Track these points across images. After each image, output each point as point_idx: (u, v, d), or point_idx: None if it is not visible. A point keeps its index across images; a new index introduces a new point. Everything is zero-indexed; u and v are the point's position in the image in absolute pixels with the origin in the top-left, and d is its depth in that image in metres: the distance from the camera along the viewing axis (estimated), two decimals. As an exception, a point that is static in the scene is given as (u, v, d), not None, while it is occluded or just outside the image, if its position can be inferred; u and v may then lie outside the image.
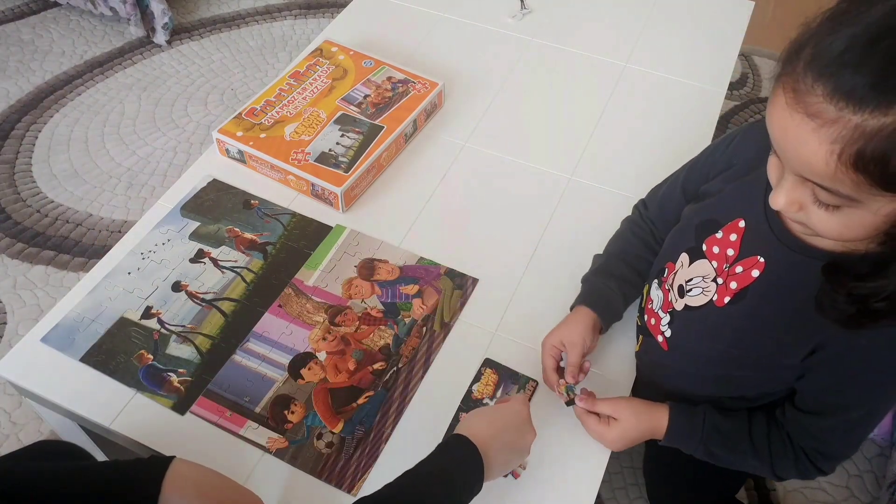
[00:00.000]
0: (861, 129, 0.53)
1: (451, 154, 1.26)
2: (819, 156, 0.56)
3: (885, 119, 0.53)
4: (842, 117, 0.54)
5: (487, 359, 0.99)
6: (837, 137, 0.55)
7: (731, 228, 0.80)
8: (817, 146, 0.56)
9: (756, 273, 0.77)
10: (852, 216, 0.60)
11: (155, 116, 2.15)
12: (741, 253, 0.79)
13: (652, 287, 0.94)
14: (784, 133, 0.59)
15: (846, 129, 0.54)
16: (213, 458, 0.85)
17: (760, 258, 0.77)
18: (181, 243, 1.11)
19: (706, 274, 0.83)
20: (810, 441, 0.82)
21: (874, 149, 0.53)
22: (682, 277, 0.86)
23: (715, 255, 0.82)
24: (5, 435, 1.49)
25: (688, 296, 0.85)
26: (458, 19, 1.52)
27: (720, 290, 0.81)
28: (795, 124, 0.57)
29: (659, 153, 1.26)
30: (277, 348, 0.99)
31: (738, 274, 0.79)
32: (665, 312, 0.89)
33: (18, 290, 1.72)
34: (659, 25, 1.51)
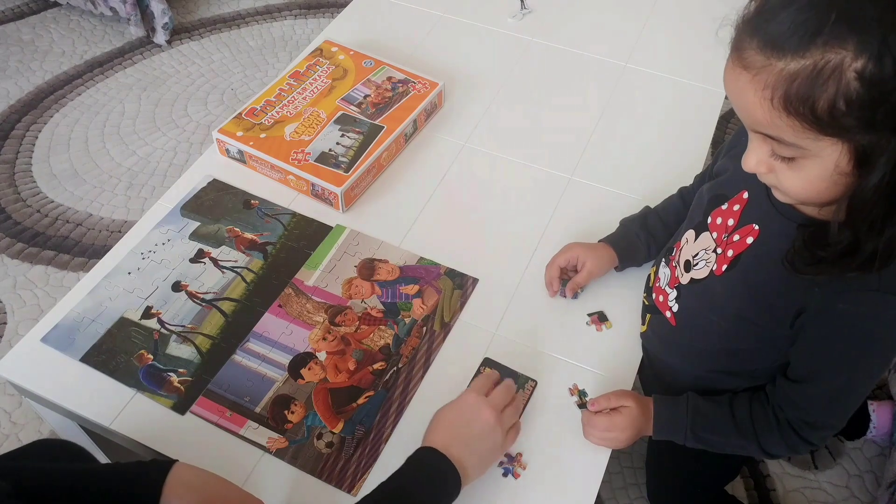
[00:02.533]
0: (785, 73, 0.58)
1: (451, 154, 1.26)
2: (756, 104, 0.61)
3: (804, 61, 0.57)
4: (769, 64, 0.59)
5: (487, 358, 0.99)
6: (767, 83, 0.60)
7: (736, 200, 0.83)
8: (753, 95, 0.61)
9: (750, 240, 0.80)
10: (810, 169, 0.64)
11: (155, 116, 2.15)
12: (740, 222, 0.82)
13: (660, 266, 0.97)
14: (730, 89, 0.65)
15: (772, 75, 0.59)
16: (213, 458, 0.85)
17: (755, 226, 0.80)
18: (181, 243, 1.11)
19: (708, 246, 0.86)
20: (795, 411, 0.83)
21: (798, 90, 0.58)
22: (687, 253, 0.89)
23: (717, 226, 0.85)
24: (5, 435, 1.49)
25: (693, 269, 0.88)
26: (458, 19, 1.52)
27: (719, 259, 0.84)
28: (736, 77, 0.63)
29: (659, 153, 1.26)
30: (277, 348, 0.99)
31: (735, 242, 0.82)
32: (672, 288, 0.92)
33: (18, 290, 1.72)
34: (659, 25, 1.51)
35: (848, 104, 0.57)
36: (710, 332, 0.88)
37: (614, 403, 0.90)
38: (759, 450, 0.87)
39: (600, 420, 0.90)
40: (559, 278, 1.04)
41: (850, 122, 0.58)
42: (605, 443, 0.90)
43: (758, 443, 0.86)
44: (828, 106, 0.57)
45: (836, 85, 0.56)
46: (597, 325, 1.02)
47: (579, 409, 0.93)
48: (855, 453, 1.51)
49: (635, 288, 1.05)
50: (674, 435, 0.91)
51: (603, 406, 0.90)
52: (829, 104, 0.57)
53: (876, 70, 0.55)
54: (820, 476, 1.48)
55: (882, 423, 1.46)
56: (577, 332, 1.02)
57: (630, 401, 0.90)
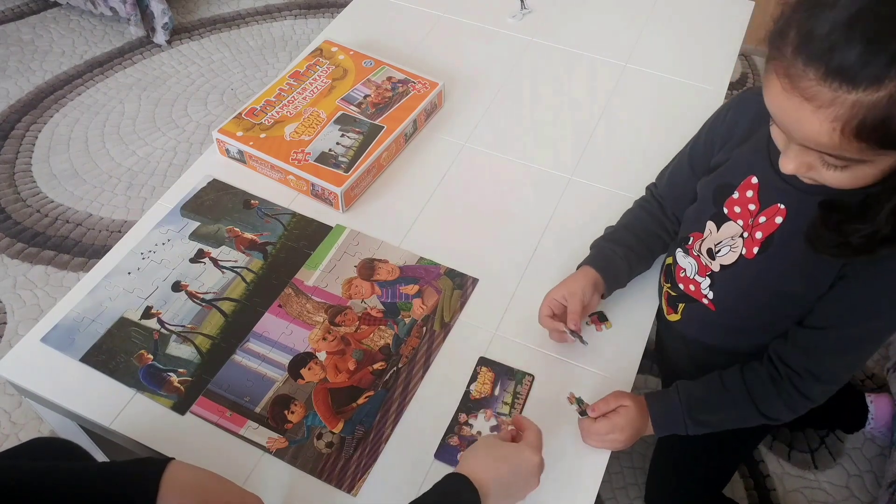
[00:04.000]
0: (858, 104, 0.58)
1: (451, 154, 1.26)
2: (822, 132, 0.60)
3: (879, 92, 0.57)
4: (838, 97, 0.58)
5: (482, 357, 0.99)
6: (837, 116, 0.59)
7: (746, 186, 0.84)
8: (819, 125, 0.60)
9: (779, 220, 0.81)
10: (862, 170, 0.64)
11: (155, 116, 2.15)
12: (762, 205, 0.82)
13: (677, 256, 0.96)
14: (784, 114, 0.64)
15: (844, 108, 0.58)
16: (213, 458, 0.85)
17: (781, 205, 0.80)
18: (181, 243, 1.11)
19: (734, 233, 0.86)
20: (803, 359, 0.84)
21: (874, 118, 0.58)
22: (710, 242, 0.90)
23: (738, 214, 0.85)
24: (5, 435, 1.49)
25: (718, 256, 0.89)
26: (458, 19, 1.52)
27: (747, 242, 0.85)
28: (794, 107, 0.61)
29: (658, 153, 1.26)
30: (277, 348, 0.99)
31: (762, 224, 0.82)
32: (704, 276, 0.92)
33: (18, 290, 1.72)
34: (659, 25, 1.51)
35: None
36: (752, 310, 0.89)
37: (613, 405, 0.90)
38: (759, 414, 0.88)
39: (601, 424, 0.89)
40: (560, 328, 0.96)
41: None
42: (606, 445, 0.90)
43: (756, 408, 0.88)
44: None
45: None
46: (596, 325, 1.02)
47: (580, 416, 0.92)
48: (855, 453, 1.51)
49: (636, 287, 1.05)
50: (674, 427, 0.91)
51: (602, 410, 0.90)
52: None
53: None
54: (820, 476, 1.48)
55: (880, 415, 1.46)
56: (577, 332, 1.02)
57: (627, 400, 0.91)
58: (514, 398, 0.95)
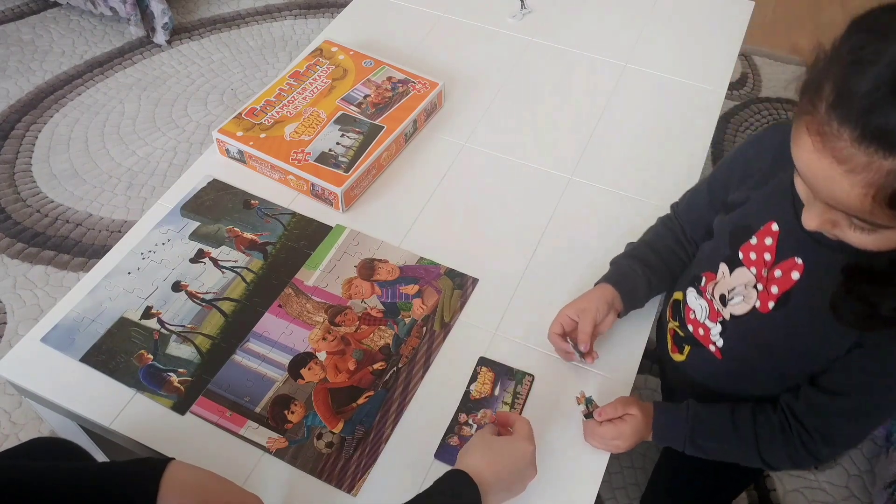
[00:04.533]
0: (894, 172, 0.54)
1: (451, 154, 1.26)
2: (853, 196, 0.57)
3: None
4: (873, 162, 0.54)
5: (482, 357, 0.99)
6: (871, 182, 0.55)
7: (765, 232, 0.79)
8: (849, 189, 0.57)
9: (796, 275, 0.77)
10: (885, 234, 0.61)
11: (155, 116, 2.15)
12: (778, 256, 0.78)
13: (689, 296, 0.93)
14: (813, 173, 0.60)
15: (879, 174, 0.54)
16: (213, 458, 0.85)
17: (798, 259, 0.76)
18: (181, 243, 1.11)
19: (747, 282, 0.82)
20: (815, 420, 0.81)
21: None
22: (723, 287, 0.86)
23: (752, 261, 0.81)
24: (5, 435, 1.49)
25: (730, 304, 0.85)
26: (458, 19, 1.52)
27: (762, 295, 0.81)
28: (825, 167, 0.57)
29: (659, 153, 1.26)
30: (277, 348, 0.99)
31: (778, 278, 0.78)
32: (714, 322, 0.89)
33: (18, 290, 1.72)
34: (659, 25, 1.51)
35: None
36: (761, 364, 0.86)
37: (620, 412, 0.89)
38: (759, 459, 0.85)
39: (606, 429, 0.89)
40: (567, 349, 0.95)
41: None
42: (608, 448, 0.90)
43: (758, 451, 0.85)
44: None
45: None
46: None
47: (585, 418, 0.91)
48: (855, 453, 1.51)
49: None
50: (673, 441, 0.90)
51: (610, 415, 0.89)
52: None
53: None
54: (820, 476, 1.48)
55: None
56: (577, 332, 1.02)
57: (634, 408, 0.89)
58: (514, 398, 0.95)
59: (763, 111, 2.21)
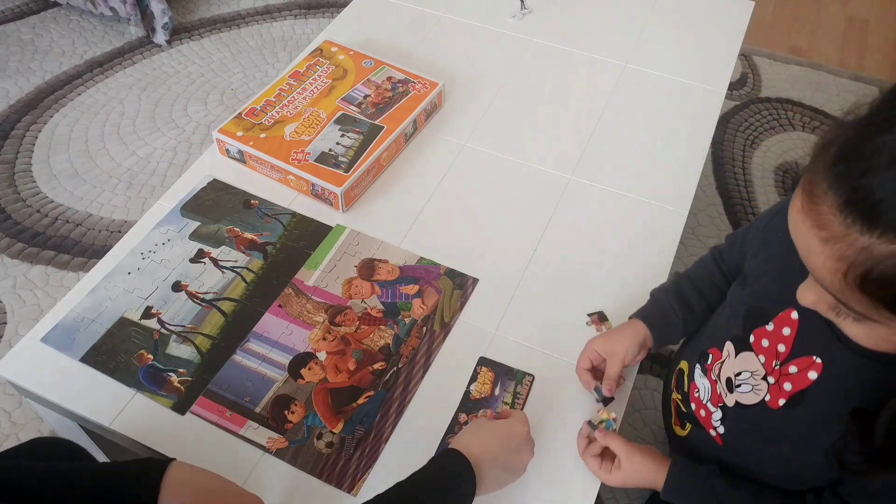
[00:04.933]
0: (869, 251, 0.49)
1: (451, 154, 1.26)
2: (825, 270, 0.53)
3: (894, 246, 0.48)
4: (848, 235, 0.50)
5: (482, 357, 0.99)
6: (843, 256, 0.51)
7: (784, 321, 0.74)
8: (823, 260, 0.52)
9: (813, 375, 0.71)
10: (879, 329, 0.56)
11: (155, 116, 2.15)
12: (794, 351, 0.73)
13: (695, 373, 0.89)
14: (796, 236, 0.56)
15: (852, 249, 0.50)
16: (213, 458, 0.85)
17: (817, 359, 0.70)
18: (181, 243, 1.11)
19: (755, 370, 0.77)
20: None
21: (881, 274, 0.49)
22: (729, 369, 0.81)
23: (764, 348, 0.76)
24: (5, 435, 1.49)
25: (737, 391, 0.80)
26: (458, 19, 1.52)
27: (772, 389, 0.75)
28: (805, 231, 0.54)
29: (659, 153, 1.26)
30: (277, 348, 0.99)
31: (793, 375, 0.73)
32: (716, 407, 0.84)
33: (18, 290, 1.72)
34: (659, 25, 1.51)
35: None
36: (764, 460, 0.80)
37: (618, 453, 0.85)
38: None
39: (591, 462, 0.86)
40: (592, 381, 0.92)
41: None
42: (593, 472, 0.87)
43: None
44: None
45: None
46: (597, 325, 1.02)
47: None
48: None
49: (635, 286, 1.05)
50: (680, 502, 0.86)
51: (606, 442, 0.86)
52: None
53: None
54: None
55: None
56: (577, 331, 1.01)
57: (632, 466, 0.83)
58: (514, 398, 0.95)
59: (763, 111, 2.21)
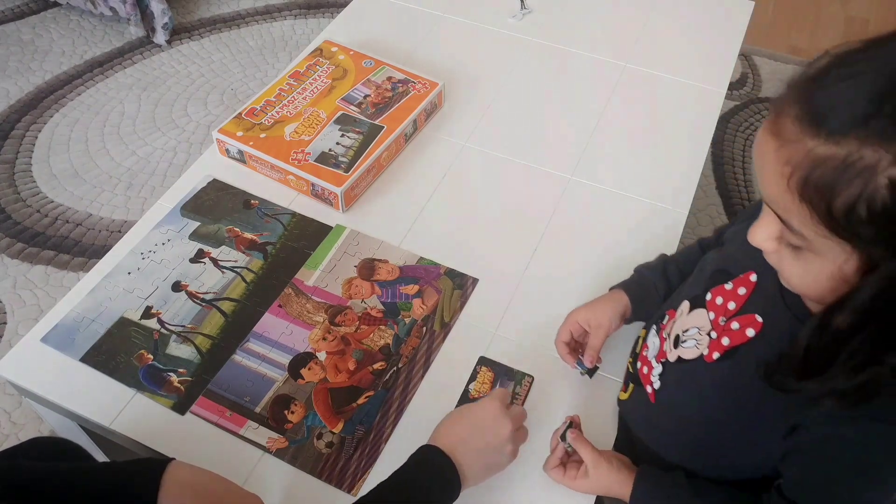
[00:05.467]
0: (812, 154, 0.52)
1: (451, 154, 1.26)
2: (773, 177, 0.55)
3: (836, 148, 0.51)
4: (799, 140, 0.53)
5: (482, 357, 0.99)
6: (790, 160, 0.53)
7: (742, 281, 0.75)
8: (773, 166, 0.55)
9: (751, 333, 0.72)
10: (813, 264, 0.58)
11: (155, 116, 2.15)
12: (742, 309, 0.74)
13: (650, 333, 0.89)
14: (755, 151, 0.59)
15: (799, 153, 0.53)
16: (213, 458, 0.85)
17: (759, 317, 0.72)
18: (181, 243, 1.11)
19: (702, 326, 0.78)
20: None
21: (819, 178, 0.52)
22: (679, 326, 0.82)
23: (716, 306, 0.77)
24: (5, 435, 1.49)
25: (681, 346, 0.81)
26: (458, 19, 1.52)
27: (712, 344, 0.76)
28: (763, 142, 0.57)
29: (659, 153, 1.26)
30: (277, 348, 0.99)
31: (734, 330, 0.74)
32: (658, 362, 0.84)
33: (18, 290, 1.72)
34: (659, 25, 1.51)
35: (869, 211, 0.50)
36: (690, 418, 0.80)
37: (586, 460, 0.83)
38: None
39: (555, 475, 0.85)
40: (571, 354, 0.93)
41: (867, 231, 0.52)
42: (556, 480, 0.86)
43: None
44: (846, 206, 0.51)
45: (861, 186, 0.50)
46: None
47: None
48: None
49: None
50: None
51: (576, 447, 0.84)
52: (848, 204, 0.51)
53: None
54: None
55: None
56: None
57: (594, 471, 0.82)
58: (513, 398, 0.95)
59: (763, 111, 2.21)
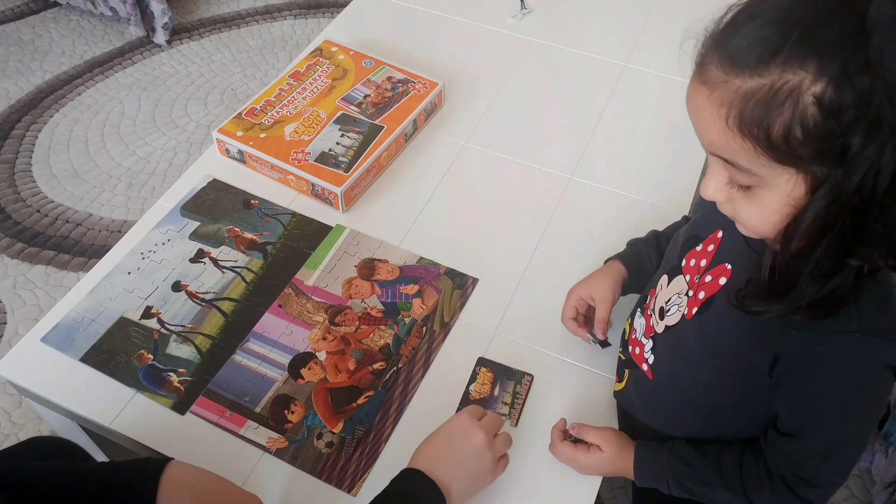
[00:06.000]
0: (741, 91, 0.55)
1: (451, 154, 1.26)
2: (711, 122, 0.58)
3: (762, 80, 0.53)
4: (727, 81, 0.56)
5: (481, 358, 0.99)
6: (723, 101, 0.56)
7: (710, 240, 0.78)
8: (709, 112, 0.57)
9: (723, 280, 0.74)
10: (765, 199, 0.60)
11: (155, 116, 2.15)
12: (713, 263, 0.76)
13: (635, 317, 0.90)
14: (689, 106, 0.61)
15: (729, 92, 0.55)
16: (212, 458, 0.85)
17: (728, 265, 0.74)
18: (181, 243, 1.11)
19: (681, 290, 0.80)
20: (788, 466, 0.75)
21: (753, 111, 0.54)
22: (662, 299, 0.83)
23: (691, 268, 0.79)
24: (5, 435, 1.49)
25: (667, 316, 0.82)
26: (458, 19, 1.52)
27: (690, 302, 0.78)
28: (695, 94, 0.59)
29: (659, 153, 1.26)
30: (277, 348, 0.99)
31: (707, 283, 0.76)
32: (647, 338, 0.85)
33: (18, 290, 1.72)
34: (659, 25, 1.51)
35: (804, 131, 0.53)
36: (687, 384, 0.81)
37: (593, 440, 0.86)
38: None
39: (565, 450, 0.86)
40: (582, 328, 0.96)
41: (805, 151, 0.54)
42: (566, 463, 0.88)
43: (747, 499, 0.78)
44: (783, 131, 0.53)
45: (792, 109, 0.53)
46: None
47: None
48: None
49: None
50: (657, 483, 0.84)
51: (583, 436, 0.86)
52: (784, 129, 0.53)
53: (835, 97, 0.51)
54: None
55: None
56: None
57: (607, 446, 0.85)
58: (513, 398, 0.95)
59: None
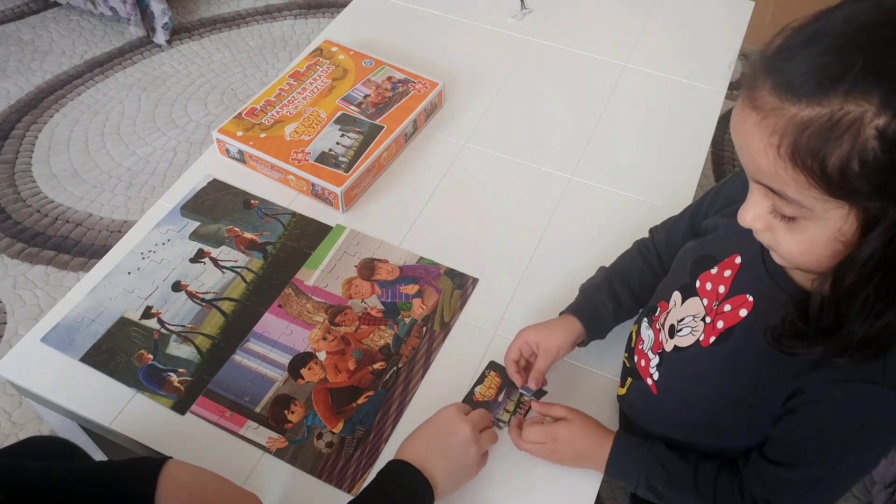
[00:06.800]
0: (797, 119, 0.52)
1: (451, 154, 1.26)
2: (761, 150, 0.55)
3: (820, 109, 0.51)
4: (781, 108, 0.53)
5: (493, 361, 0.98)
6: (776, 129, 0.54)
7: (727, 265, 0.77)
8: (759, 140, 0.55)
9: (744, 312, 0.73)
10: (811, 232, 0.58)
11: (155, 116, 2.15)
12: (731, 291, 0.75)
13: (642, 326, 0.90)
14: (735, 130, 0.59)
15: (783, 120, 0.53)
16: (212, 458, 0.85)
17: (749, 297, 0.73)
18: (181, 243, 1.11)
19: (697, 313, 0.79)
20: (765, 492, 0.75)
21: (809, 141, 0.52)
22: (674, 317, 0.83)
23: (707, 292, 0.78)
24: (5, 435, 1.49)
25: (677, 336, 0.81)
26: (458, 19, 1.52)
27: (707, 329, 0.77)
28: (744, 119, 0.57)
29: (659, 153, 1.26)
30: (277, 348, 0.99)
31: (726, 313, 0.75)
32: (655, 353, 0.85)
33: (18, 290, 1.72)
34: (659, 25, 1.51)
35: (862, 165, 0.51)
36: (694, 405, 0.80)
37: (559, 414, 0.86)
38: None
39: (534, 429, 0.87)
40: (519, 373, 0.93)
41: (862, 186, 0.52)
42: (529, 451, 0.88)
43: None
44: (839, 164, 0.51)
45: (851, 141, 0.50)
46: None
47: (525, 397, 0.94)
48: None
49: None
50: (626, 478, 0.85)
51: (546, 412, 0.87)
52: (841, 162, 0.51)
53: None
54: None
55: None
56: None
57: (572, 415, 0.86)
58: (516, 407, 0.94)
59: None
